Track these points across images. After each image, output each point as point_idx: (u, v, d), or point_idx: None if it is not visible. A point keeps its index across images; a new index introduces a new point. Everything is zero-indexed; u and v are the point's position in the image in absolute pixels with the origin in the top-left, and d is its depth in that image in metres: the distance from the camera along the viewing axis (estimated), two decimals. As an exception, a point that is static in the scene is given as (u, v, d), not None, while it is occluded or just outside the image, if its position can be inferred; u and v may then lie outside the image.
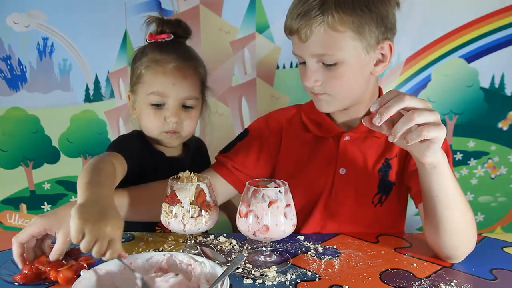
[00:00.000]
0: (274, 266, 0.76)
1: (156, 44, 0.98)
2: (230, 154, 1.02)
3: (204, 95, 1.05)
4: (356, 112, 0.95)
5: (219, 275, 0.63)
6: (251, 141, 1.03)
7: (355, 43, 0.83)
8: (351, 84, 0.87)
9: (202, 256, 0.71)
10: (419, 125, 0.66)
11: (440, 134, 0.66)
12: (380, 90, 0.97)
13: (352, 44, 0.83)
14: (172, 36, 0.99)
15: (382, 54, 0.88)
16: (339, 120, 0.97)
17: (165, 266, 0.70)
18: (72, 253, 0.79)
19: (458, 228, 0.77)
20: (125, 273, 0.67)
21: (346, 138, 0.95)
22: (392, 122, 0.69)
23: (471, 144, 1.38)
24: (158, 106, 0.96)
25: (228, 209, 1.26)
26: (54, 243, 0.74)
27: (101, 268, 0.66)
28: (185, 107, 0.98)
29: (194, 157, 1.09)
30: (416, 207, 0.90)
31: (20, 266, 0.74)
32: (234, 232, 1.21)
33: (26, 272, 0.72)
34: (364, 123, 0.71)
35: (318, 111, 0.95)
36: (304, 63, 0.89)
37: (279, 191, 0.75)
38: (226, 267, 0.66)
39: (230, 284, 0.63)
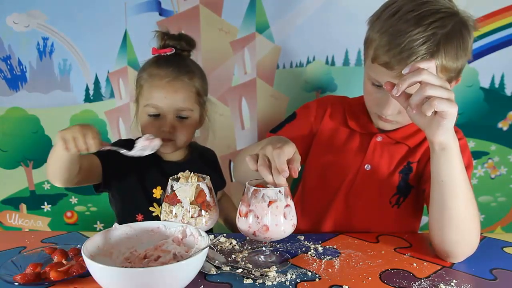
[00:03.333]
0: (274, 266, 0.76)
1: (157, 58, 1.05)
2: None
3: (203, 106, 1.10)
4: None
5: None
6: (298, 124, 1.08)
7: None
8: None
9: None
10: (432, 98, 0.68)
11: (450, 110, 0.68)
12: None
13: None
14: (174, 50, 1.04)
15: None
16: None
17: (180, 236, 0.74)
18: (72, 253, 0.79)
19: (459, 220, 0.77)
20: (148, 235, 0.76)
21: (379, 138, 0.99)
22: (410, 96, 0.71)
23: (471, 144, 1.38)
24: (154, 116, 1.03)
25: (226, 215, 1.27)
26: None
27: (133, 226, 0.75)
28: (179, 117, 1.04)
29: (198, 165, 1.11)
30: (428, 211, 0.91)
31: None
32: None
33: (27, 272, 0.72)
34: (385, 87, 0.73)
35: (361, 107, 1.01)
36: (381, 87, 0.89)
37: (279, 191, 0.75)
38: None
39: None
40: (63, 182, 0.98)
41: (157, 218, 1.05)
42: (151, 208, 1.05)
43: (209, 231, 0.93)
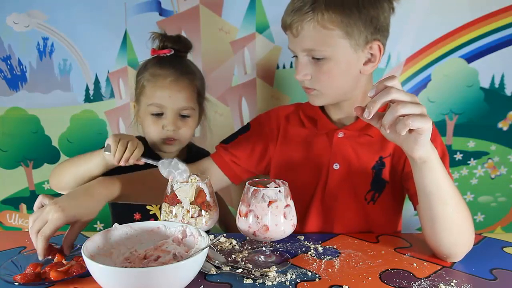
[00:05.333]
0: (274, 266, 0.76)
1: (157, 58, 1.07)
2: (230, 148, 1.05)
3: (202, 105, 1.13)
4: (350, 110, 0.97)
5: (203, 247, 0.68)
6: (252, 136, 1.06)
7: (343, 41, 0.87)
8: (338, 80, 0.91)
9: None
10: (405, 117, 0.67)
11: (425, 125, 0.67)
12: None
13: (340, 42, 0.87)
14: (173, 51, 1.06)
15: (371, 54, 0.90)
16: (334, 117, 1.01)
17: (180, 236, 0.74)
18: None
19: (452, 225, 0.78)
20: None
21: (340, 135, 0.98)
22: (382, 116, 0.70)
23: (471, 144, 1.38)
24: (157, 115, 1.05)
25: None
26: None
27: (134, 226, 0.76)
28: (182, 116, 1.06)
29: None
30: (415, 209, 0.91)
31: (41, 258, 0.76)
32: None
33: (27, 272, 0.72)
34: (355, 113, 0.72)
35: (315, 108, 1.00)
36: (296, 56, 0.93)
37: (279, 191, 0.75)
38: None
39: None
40: (70, 189, 1.00)
41: (154, 216, 1.06)
42: (148, 207, 1.06)
43: (209, 231, 0.93)
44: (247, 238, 0.90)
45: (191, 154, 1.16)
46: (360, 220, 0.98)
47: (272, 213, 0.74)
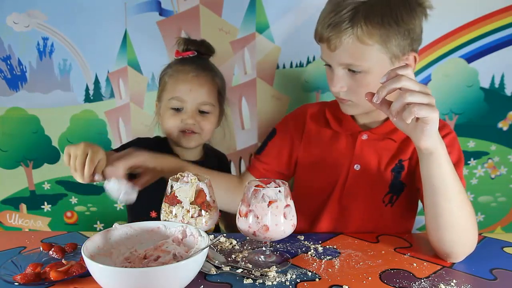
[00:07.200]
0: (274, 266, 0.76)
1: (181, 58, 1.12)
2: (263, 157, 1.08)
3: (223, 106, 1.16)
4: (378, 116, 0.98)
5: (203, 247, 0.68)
6: (280, 140, 1.09)
7: (381, 55, 0.86)
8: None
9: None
10: (412, 105, 0.68)
11: (431, 115, 0.68)
12: None
13: (378, 55, 0.86)
14: (196, 53, 1.11)
15: (407, 64, 0.90)
16: (360, 120, 1.01)
17: (180, 236, 0.74)
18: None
19: (455, 222, 0.78)
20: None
21: (364, 137, 0.98)
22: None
23: (471, 144, 1.38)
24: (176, 110, 1.08)
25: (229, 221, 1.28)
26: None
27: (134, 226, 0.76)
28: (201, 112, 1.09)
29: (214, 167, 1.13)
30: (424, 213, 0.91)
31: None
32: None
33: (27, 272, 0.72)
34: (366, 98, 0.73)
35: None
36: (330, 66, 0.92)
37: (279, 191, 0.75)
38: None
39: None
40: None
41: None
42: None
43: (219, 230, 0.94)
44: (247, 238, 0.90)
45: (207, 155, 1.19)
46: (374, 222, 0.99)
47: (272, 213, 0.74)
